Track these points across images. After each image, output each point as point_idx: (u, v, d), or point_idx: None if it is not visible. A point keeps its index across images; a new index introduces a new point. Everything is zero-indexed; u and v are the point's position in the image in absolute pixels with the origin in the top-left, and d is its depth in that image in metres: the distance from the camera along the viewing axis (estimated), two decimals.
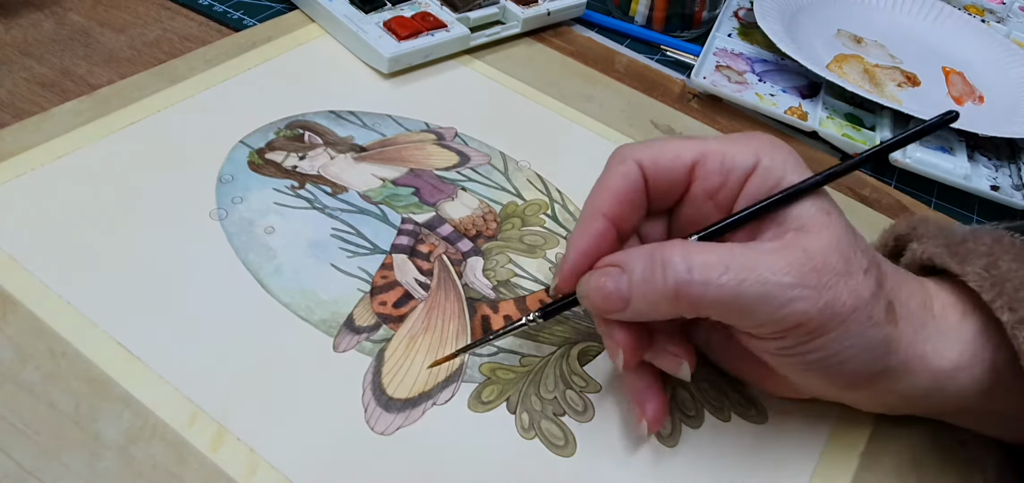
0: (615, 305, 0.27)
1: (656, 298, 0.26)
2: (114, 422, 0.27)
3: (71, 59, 0.44)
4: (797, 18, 0.58)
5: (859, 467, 0.31)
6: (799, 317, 0.25)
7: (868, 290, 0.26)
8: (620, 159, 0.28)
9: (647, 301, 0.26)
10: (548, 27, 0.54)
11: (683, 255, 0.25)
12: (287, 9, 0.51)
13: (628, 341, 0.28)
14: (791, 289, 0.25)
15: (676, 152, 0.28)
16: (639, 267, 0.26)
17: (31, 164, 0.36)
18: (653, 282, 0.26)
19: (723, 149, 0.28)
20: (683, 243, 0.26)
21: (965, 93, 0.56)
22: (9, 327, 0.30)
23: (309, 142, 0.40)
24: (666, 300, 0.26)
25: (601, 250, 0.28)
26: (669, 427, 0.31)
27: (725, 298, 0.25)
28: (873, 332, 0.26)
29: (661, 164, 0.28)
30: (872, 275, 0.26)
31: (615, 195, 0.28)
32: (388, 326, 0.32)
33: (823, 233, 0.26)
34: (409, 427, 0.29)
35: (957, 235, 0.30)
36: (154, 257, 0.33)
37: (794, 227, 0.26)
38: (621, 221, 0.28)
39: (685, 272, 0.25)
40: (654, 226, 0.30)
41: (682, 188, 0.29)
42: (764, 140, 0.28)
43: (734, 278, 0.25)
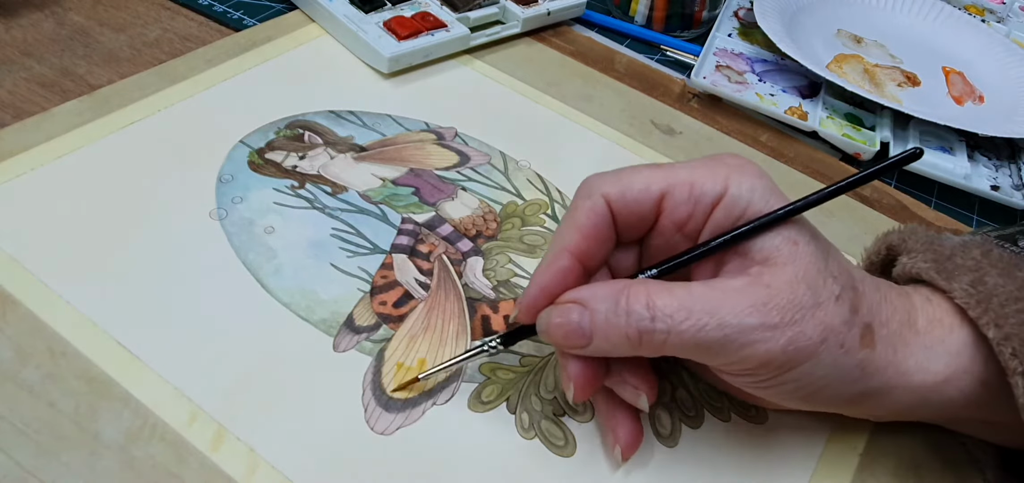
0: (577, 342, 0.27)
1: (618, 340, 0.26)
2: (114, 422, 0.27)
3: (71, 59, 0.44)
4: (797, 18, 0.58)
5: (859, 468, 0.31)
6: (762, 357, 0.25)
7: (839, 318, 0.26)
8: (587, 194, 0.28)
9: (609, 342, 0.26)
10: (548, 27, 0.54)
11: (646, 301, 0.25)
12: (287, 9, 0.51)
13: (581, 376, 0.27)
14: (752, 332, 0.25)
15: (644, 184, 0.28)
16: (602, 308, 0.26)
17: (31, 164, 0.36)
18: (616, 325, 0.26)
19: (691, 179, 0.27)
20: (646, 284, 0.26)
21: (965, 93, 0.56)
22: (9, 327, 0.30)
23: (309, 142, 0.40)
24: (629, 343, 0.26)
25: (564, 286, 0.28)
26: (669, 427, 0.31)
27: (687, 344, 0.25)
28: (845, 359, 0.26)
29: (628, 198, 0.28)
30: (845, 301, 0.26)
31: (581, 232, 0.28)
32: (388, 326, 0.32)
33: (788, 266, 0.26)
34: (409, 427, 0.29)
35: (945, 249, 0.29)
36: (154, 257, 0.33)
37: (759, 259, 0.26)
38: (587, 257, 0.28)
39: (648, 320, 0.25)
40: (624, 256, 0.30)
41: (651, 220, 0.28)
42: (733, 166, 0.27)
43: (695, 324, 0.25)
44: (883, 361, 0.27)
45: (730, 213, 0.27)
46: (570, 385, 0.28)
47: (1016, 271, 0.27)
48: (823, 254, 0.27)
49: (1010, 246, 0.29)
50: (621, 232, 0.29)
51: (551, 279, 0.28)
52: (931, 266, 0.29)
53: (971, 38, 0.61)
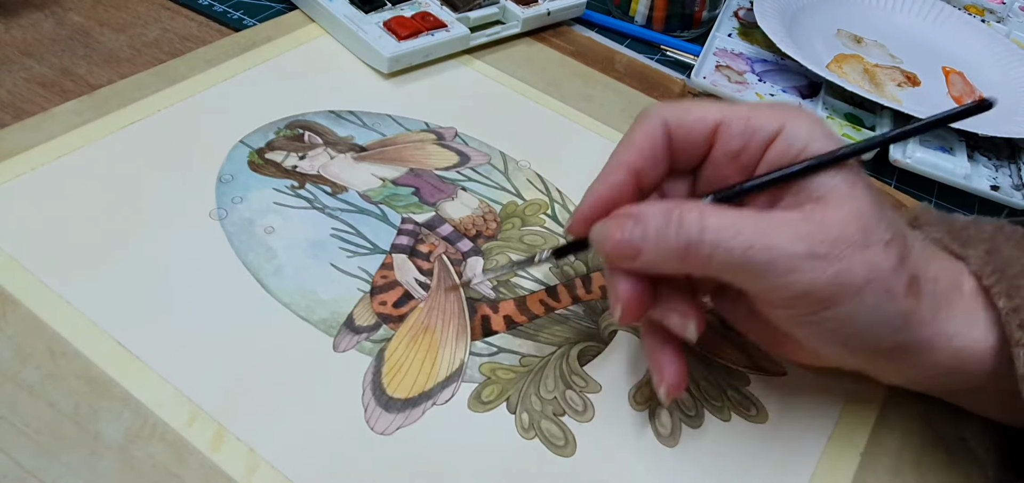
0: (627, 253, 0.27)
1: (667, 253, 0.26)
2: (114, 422, 0.27)
3: (71, 59, 0.44)
4: (797, 18, 0.58)
5: (859, 467, 0.31)
6: (806, 286, 0.25)
7: (888, 263, 0.26)
8: (646, 116, 0.29)
9: (658, 254, 0.27)
10: (548, 27, 0.54)
11: (698, 216, 0.26)
12: (287, 9, 0.51)
13: (630, 296, 0.28)
14: (799, 259, 0.25)
15: (700, 113, 0.29)
16: (654, 221, 0.26)
17: (31, 164, 0.36)
18: (666, 237, 0.26)
19: (748, 114, 0.28)
20: (700, 204, 0.27)
21: (965, 93, 0.56)
22: (9, 327, 0.30)
23: (309, 142, 0.40)
24: (676, 256, 0.26)
25: (618, 200, 0.28)
26: (669, 427, 0.31)
27: (733, 261, 0.26)
28: (890, 305, 0.26)
29: (685, 123, 0.29)
30: (895, 248, 0.26)
31: (638, 150, 0.28)
32: (388, 326, 0.32)
33: (844, 204, 0.26)
34: (409, 427, 0.29)
35: (958, 222, 0.30)
36: (154, 257, 0.33)
37: (815, 196, 0.26)
38: (642, 175, 0.29)
39: (697, 233, 0.26)
40: (677, 185, 0.30)
41: (705, 149, 0.29)
42: (791, 108, 0.28)
43: (743, 243, 0.25)
44: (928, 315, 0.27)
45: (787, 151, 0.27)
46: (618, 306, 0.28)
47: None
48: (878, 202, 0.27)
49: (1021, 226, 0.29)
50: (676, 157, 0.29)
51: (607, 191, 0.28)
52: (946, 236, 0.29)
53: (971, 38, 0.60)
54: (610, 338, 0.34)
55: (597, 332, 0.34)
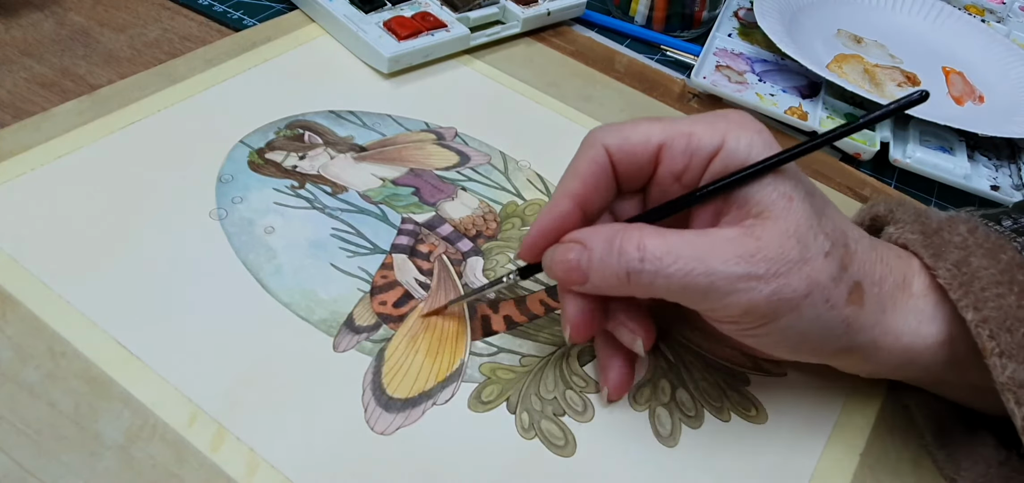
0: (575, 279, 0.28)
1: (611, 278, 0.27)
2: (114, 422, 0.27)
3: (71, 59, 0.44)
4: (797, 18, 0.58)
5: (859, 467, 0.31)
6: (745, 306, 0.26)
7: (827, 274, 0.27)
8: (590, 144, 0.29)
9: (604, 279, 0.28)
10: (548, 27, 0.54)
11: (638, 242, 0.27)
12: (287, 9, 0.51)
13: (578, 318, 0.29)
14: (737, 281, 0.26)
15: (644, 135, 0.29)
16: (598, 247, 0.27)
17: (31, 164, 0.36)
18: (609, 264, 0.27)
19: (689, 131, 0.28)
20: (640, 228, 0.27)
21: (965, 93, 0.56)
22: (9, 327, 0.30)
23: (309, 142, 0.40)
24: (619, 282, 0.27)
25: (564, 228, 0.29)
26: (669, 427, 0.31)
27: (673, 286, 0.26)
28: (830, 315, 0.27)
29: (628, 148, 0.29)
30: (834, 258, 0.27)
31: (582, 179, 0.29)
32: (388, 326, 0.32)
33: (780, 220, 0.26)
34: (409, 427, 0.29)
35: (933, 222, 0.30)
36: (154, 257, 0.33)
37: (754, 213, 0.27)
38: (587, 203, 0.29)
39: (637, 261, 0.26)
40: (627, 205, 0.31)
41: (650, 170, 0.29)
42: (732, 120, 0.28)
43: (682, 268, 0.26)
44: (870, 320, 0.28)
45: (727, 166, 0.27)
46: (568, 326, 0.29)
47: (1000, 253, 0.28)
48: (817, 211, 0.27)
49: (994, 225, 0.29)
50: (622, 181, 0.30)
51: (550, 222, 0.29)
52: (919, 239, 0.29)
53: (971, 38, 0.60)
54: None
55: None
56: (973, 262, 0.28)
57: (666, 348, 0.34)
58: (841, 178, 0.46)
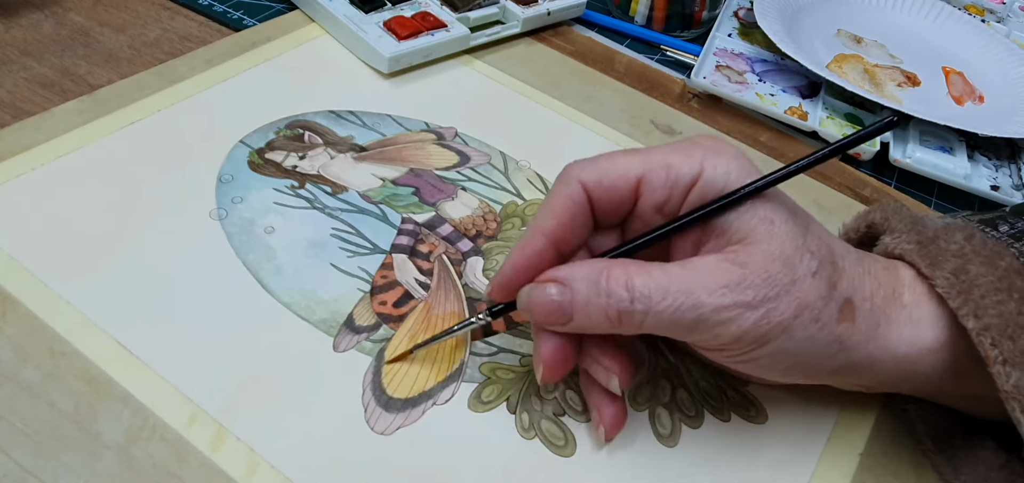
0: (558, 320, 0.27)
1: (598, 319, 0.26)
2: (114, 422, 0.27)
3: (71, 59, 0.44)
4: (797, 18, 0.58)
5: (859, 467, 0.31)
6: (734, 334, 0.26)
7: (815, 294, 0.26)
8: (565, 180, 0.29)
9: (589, 320, 0.27)
10: (548, 27, 0.54)
11: (626, 282, 0.26)
12: (287, 9, 0.51)
13: (553, 358, 0.28)
14: (725, 311, 0.25)
15: (622, 170, 0.28)
16: (583, 287, 0.27)
17: (31, 164, 0.36)
18: (597, 305, 0.26)
19: (667, 162, 0.28)
20: (625, 266, 0.26)
21: (965, 93, 0.56)
22: (9, 327, 0.30)
23: (309, 142, 0.40)
24: (608, 322, 0.26)
25: (537, 268, 0.28)
26: (669, 427, 0.31)
27: (664, 323, 0.26)
28: (821, 334, 0.27)
29: (606, 184, 0.28)
30: (823, 277, 0.26)
31: (557, 218, 0.28)
32: (388, 326, 0.32)
33: (763, 244, 0.26)
34: (409, 427, 0.29)
35: (929, 231, 0.30)
36: (154, 257, 0.33)
37: (736, 239, 0.26)
38: (562, 242, 0.28)
39: (627, 301, 0.26)
40: (605, 239, 0.30)
41: (630, 204, 0.29)
42: (708, 148, 0.28)
43: (671, 304, 0.26)
44: (864, 336, 0.27)
45: (705, 194, 0.27)
46: (540, 366, 0.28)
47: (998, 260, 0.28)
48: (801, 230, 0.27)
49: (991, 231, 0.29)
50: (599, 216, 0.29)
51: (523, 260, 0.28)
52: (915, 249, 0.29)
53: (971, 38, 0.60)
54: None
55: None
56: (971, 270, 0.27)
57: (666, 348, 0.34)
58: (841, 178, 0.46)
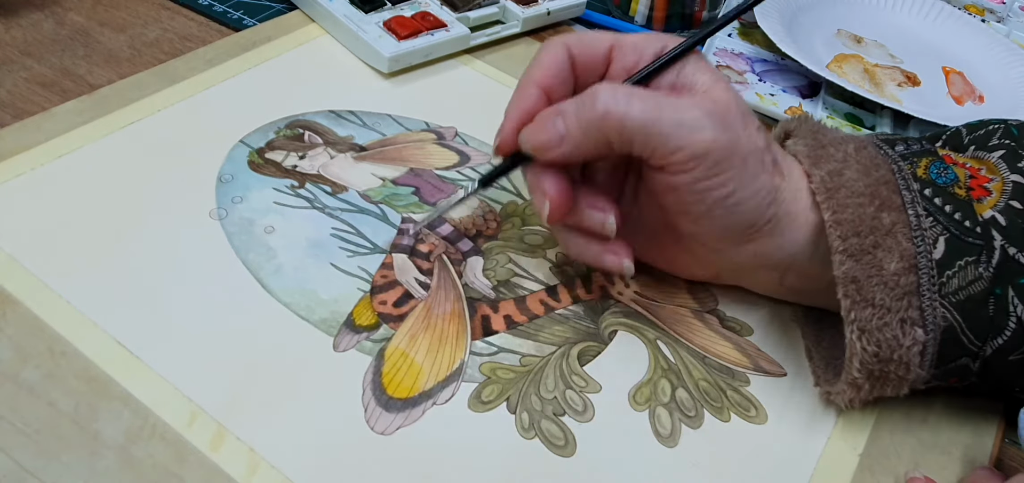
0: (552, 139, 0.31)
1: (587, 125, 0.30)
2: (114, 422, 0.27)
3: (71, 59, 0.44)
4: (797, 18, 0.58)
5: (859, 467, 0.31)
6: (708, 144, 0.29)
7: (761, 141, 0.31)
8: (550, 44, 0.33)
9: (580, 129, 0.30)
10: (548, 27, 0.54)
11: (611, 88, 0.30)
12: (287, 9, 0.51)
13: (556, 192, 0.31)
14: (703, 119, 0.29)
15: (597, 37, 0.33)
16: (573, 105, 0.31)
17: (31, 164, 0.36)
18: (584, 111, 0.30)
19: (636, 38, 0.33)
20: (612, 83, 0.31)
21: (965, 93, 0.56)
22: (9, 326, 0.30)
23: (309, 142, 0.40)
24: (596, 126, 0.30)
25: (534, 111, 0.32)
26: (669, 427, 0.31)
27: (646, 121, 0.29)
28: (764, 177, 0.30)
29: (584, 45, 0.33)
30: (762, 134, 0.31)
31: (546, 69, 0.32)
32: (388, 326, 0.32)
33: (724, 93, 0.31)
34: (409, 427, 0.29)
35: (825, 138, 0.33)
36: (154, 257, 0.33)
37: (699, 90, 0.31)
38: (551, 92, 0.32)
39: (611, 100, 0.30)
40: None
41: (603, 67, 0.33)
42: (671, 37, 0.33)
43: (655, 105, 0.30)
44: (787, 194, 0.31)
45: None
46: (545, 203, 0.32)
47: (875, 171, 0.31)
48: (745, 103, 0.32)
49: (886, 148, 0.32)
50: (579, 76, 0.33)
51: (526, 104, 0.32)
52: (805, 150, 0.32)
53: (971, 38, 0.60)
54: (610, 338, 0.34)
55: (597, 332, 0.34)
56: (846, 174, 0.31)
57: (666, 348, 0.34)
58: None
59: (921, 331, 0.29)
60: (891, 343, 0.29)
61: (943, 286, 0.29)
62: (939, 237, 0.29)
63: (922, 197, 0.30)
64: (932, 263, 0.29)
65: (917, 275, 0.29)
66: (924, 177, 0.31)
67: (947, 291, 0.29)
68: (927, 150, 0.32)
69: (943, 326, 0.29)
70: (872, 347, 0.29)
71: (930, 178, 0.31)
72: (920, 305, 0.29)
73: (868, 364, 0.29)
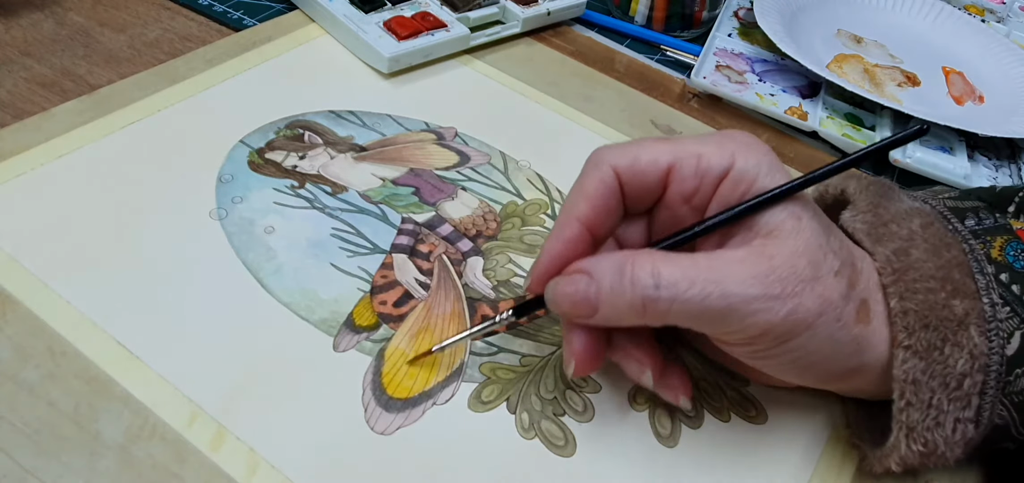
0: (583, 311, 0.27)
1: (624, 308, 0.26)
2: (114, 422, 0.27)
3: (71, 59, 0.44)
4: (797, 18, 0.58)
5: (858, 468, 0.31)
6: (763, 327, 0.26)
7: (837, 292, 0.26)
8: (596, 164, 0.29)
9: (615, 310, 0.26)
10: (548, 27, 0.54)
11: (651, 270, 0.26)
12: (287, 9, 0.51)
13: (584, 352, 0.28)
14: (754, 302, 0.25)
15: (652, 156, 0.28)
16: (607, 278, 0.26)
17: (31, 164, 0.36)
18: (622, 294, 0.26)
19: (698, 152, 0.28)
20: (651, 254, 0.26)
21: (965, 93, 0.56)
22: (9, 326, 0.30)
23: (309, 142, 0.40)
24: (634, 312, 0.26)
25: (574, 255, 0.28)
26: (669, 427, 0.31)
27: (692, 312, 0.26)
28: (842, 333, 0.27)
29: (637, 169, 0.28)
30: (844, 276, 0.27)
31: (590, 201, 0.28)
32: (388, 326, 0.32)
33: (790, 239, 0.26)
34: (409, 427, 0.29)
35: (888, 213, 0.29)
36: (154, 257, 0.33)
37: (763, 233, 0.27)
38: (596, 227, 0.28)
39: (653, 288, 0.26)
40: (632, 228, 0.30)
41: (658, 192, 0.29)
42: (740, 141, 0.28)
43: (699, 293, 0.25)
44: (878, 337, 0.27)
45: (736, 187, 0.27)
46: (572, 361, 0.28)
47: (945, 251, 0.28)
48: (825, 230, 0.27)
49: (955, 222, 0.29)
50: (629, 203, 0.29)
51: (561, 247, 0.28)
52: (865, 227, 0.29)
53: (971, 38, 0.60)
54: None
55: None
56: (913, 254, 0.28)
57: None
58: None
59: (973, 427, 0.27)
60: (937, 442, 0.27)
61: (1009, 385, 0.27)
62: (1015, 331, 0.27)
63: (998, 283, 0.27)
64: (1003, 361, 0.26)
65: (986, 375, 0.26)
66: (999, 259, 0.28)
67: (1012, 390, 0.27)
68: (1002, 226, 0.29)
69: (997, 423, 0.27)
70: (918, 446, 0.27)
71: (1007, 261, 0.28)
72: (979, 404, 0.26)
73: (908, 460, 0.27)
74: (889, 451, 0.27)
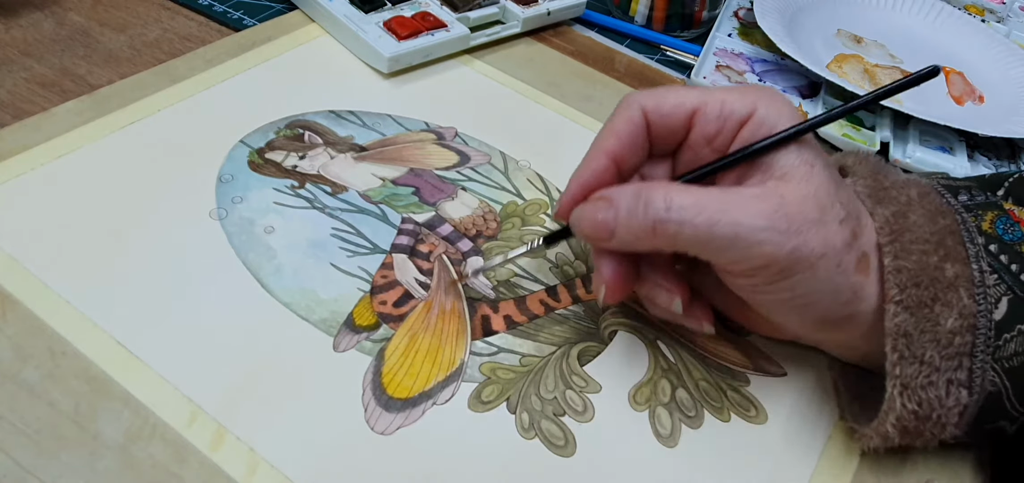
0: (602, 234, 0.29)
1: (638, 230, 0.28)
2: (114, 421, 0.27)
3: (71, 59, 0.44)
4: (797, 18, 0.58)
5: (859, 467, 0.31)
6: (766, 258, 0.27)
7: (841, 239, 0.28)
8: (626, 105, 0.31)
9: (630, 232, 0.28)
10: (548, 27, 0.54)
11: (664, 195, 0.28)
12: (287, 9, 0.51)
13: (613, 276, 0.30)
14: (760, 232, 0.27)
15: (679, 100, 0.30)
16: (625, 202, 0.28)
17: (31, 164, 0.36)
18: (636, 216, 0.28)
19: (722, 98, 0.30)
20: (667, 184, 0.29)
21: (965, 93, 0.56)
22: (9, 326, 0.30)
23: (309, 142, 0.40)
24: (646, 233, 0.28)
25: (600, 185, 0.30)
26: (669, 427, 0.31)
27: (698, 236, 0.27)
28: (841, 278, 0.28)
29: (663, 110, 0.30)
30: (848, 226, 0.28)
31: (618, 137, 0.30)
32: (388, 326, 0.32)
33: (802, 183, 0.28)
34: (409, 427, 0.29)
35: (887, 180, 0.31)
36: (154, 257, 0.33)
37: (777, 175, 0.28)
38: (623, 161, 0.30)
39: (664, 210, 0.27)
40: (657, 167, 0.32)
41: (682, 133, 0.31)
42: (763, 92, 0.30)
43: (707, 219, 0.27)
44: (873, 289, 0.29)
45: (756, 132, 0.29)
46: (602, 286, 0.30)
47: (940, 218, 0.29)
48: (835, 182, 0.29)
49: (949, 196, 0.31)
50: (654, 142, 0.31)
51: (589, 176, 0.30)
52: (866, 190, 0.30)
53: (971, 38, 0.60)
54: (610, 338, 0.34)
55: (597, 332, 0.34)
56: (910, 217, 0.29)
57: (666, 348, 0.34)
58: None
59: (966, 393, 0.28)
60: (933, 402, 0.28)
61: (998, 349, 0.28)
62: (1002, 297, 0.28)
63: (987, 252, 0.29)
64: (991, 324, 0.27)
65: (974, 336, 0.27)
66: (990, 232, 0.29)
67: (1001, 355, 0.28)
68: (992, 203, 0.30)
69: (990, 390, 0.28)
70: (912, 404, 0.28)
71: (996, 233, 0.29)
72: (970, 367, 0.27)
73: (905, 420, 0.28)
74: (885, 415, 0.28)
